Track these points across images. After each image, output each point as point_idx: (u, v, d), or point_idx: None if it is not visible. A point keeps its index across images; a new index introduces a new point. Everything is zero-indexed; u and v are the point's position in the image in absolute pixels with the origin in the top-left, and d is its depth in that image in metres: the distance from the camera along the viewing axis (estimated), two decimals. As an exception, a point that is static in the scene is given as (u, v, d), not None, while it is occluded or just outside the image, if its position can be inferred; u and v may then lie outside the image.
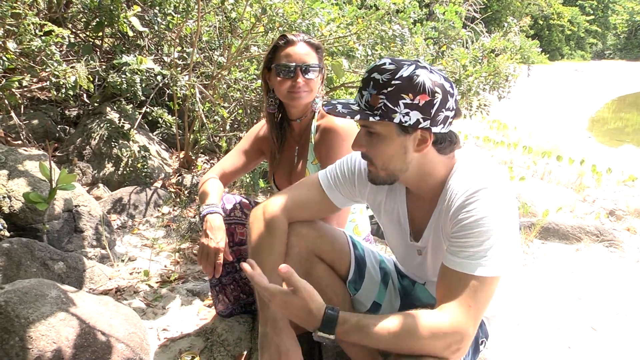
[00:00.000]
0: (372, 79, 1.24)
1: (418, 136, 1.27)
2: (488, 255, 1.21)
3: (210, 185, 1.91)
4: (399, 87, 1.21)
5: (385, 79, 1.22)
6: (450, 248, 1.27)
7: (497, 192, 1.25)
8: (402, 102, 1.21)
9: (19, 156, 2.82)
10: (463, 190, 1.27)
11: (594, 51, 58.71)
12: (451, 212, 1.29)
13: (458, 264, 1.23)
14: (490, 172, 1.30)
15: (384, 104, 1.22)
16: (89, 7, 3.99)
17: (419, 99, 1.21)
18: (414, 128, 1.24)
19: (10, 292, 1.67)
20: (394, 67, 1.23)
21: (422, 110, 1.22)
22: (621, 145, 9.21)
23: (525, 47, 4.67)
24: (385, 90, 1.22)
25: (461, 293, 1.21)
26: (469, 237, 1.23)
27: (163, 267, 2.75)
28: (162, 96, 4.46)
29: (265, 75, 1.97)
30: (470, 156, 1.37)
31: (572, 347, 2.16)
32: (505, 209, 1.25)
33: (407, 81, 1.21)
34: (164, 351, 1.98)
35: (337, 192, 1.57)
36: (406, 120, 1.23)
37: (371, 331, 1.20)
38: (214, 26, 4.10)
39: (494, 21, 28.86)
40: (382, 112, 1.23)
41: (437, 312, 1.21)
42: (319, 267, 1.57)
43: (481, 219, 1.22)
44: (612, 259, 3.16)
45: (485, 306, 1.24)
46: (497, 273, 1.22)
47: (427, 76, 1.22)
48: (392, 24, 3.63)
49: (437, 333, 1.17)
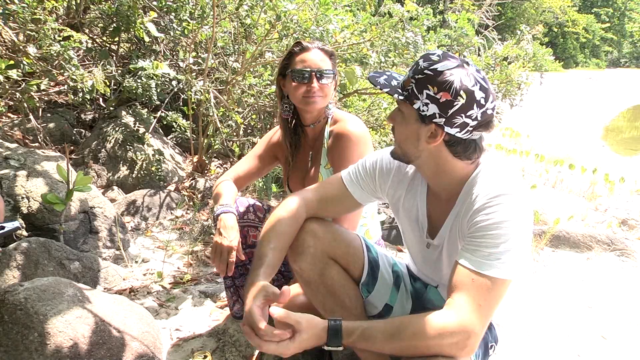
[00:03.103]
0: (417, 63, 1.31)
1: (432, 129, 1.30)
2: (503, 258, 1.23)
3: (225, 187, 1.95)
4: (429, 77, 1.26)
5: (423, 67, 1.28)
6: (465, 247, 1.29)
7: (519, 200, 1.27)
8: (425, 92, 1.27)
9: (37, 158, 2.88)
10: (485, 193, 1.29)
11: (609, 59, 58.23)
12: (470, 214, 1.31)
13: (472, 262, 1.25)
14: (512, 179, 1.32)
15: (412, 88, 1.29)
16: (107, 13, 4.07)
17: (440, 95, 1.25)
18: (429, 120, 1.28)
19: (30, 290, 1.72)
20: (438, 59, 1.28)
21: (440, 106, 1.26)
22: (636, 155, 9.12)
23: (538, 55, 4.67)
24: (417, 76, 1.28)
25: (472, 291, 1.22)
26: (486, 238, 1.25)
27: (176, 269, 2.79)
28: (177, 101, 4.52)
29: (279, 82, 2.00)
30: (493, 161, 1.39)
31: (581, 355, 2.16)
32: (524, 216, 1.27)
33: (437, 75, 1.26)
34: (176, 350, 2.02)
35: (358, 186, 1.61)
36: (424, 110, 1.28)
37: (377, 339, 1.23)
38: (229, 32, 4.16)
39: (508, 29, 28.75)
40: (407, 95, 1.30)
41: (443, 311, 1.23)
42: (333, 268, 1.59)
43: (500, 222, 1.24)
44: (623, 268, 3.15)
45: (494, 308, 1.25)
46: (509, 276, 1.24)
47: (460, 78, 1.25)
48: (405, 31, 3.65)
49: (443, 332, 1.19)
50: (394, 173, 1.58)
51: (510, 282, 1.25)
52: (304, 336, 1.23)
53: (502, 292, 1.24)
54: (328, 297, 1.57)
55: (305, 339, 1.23)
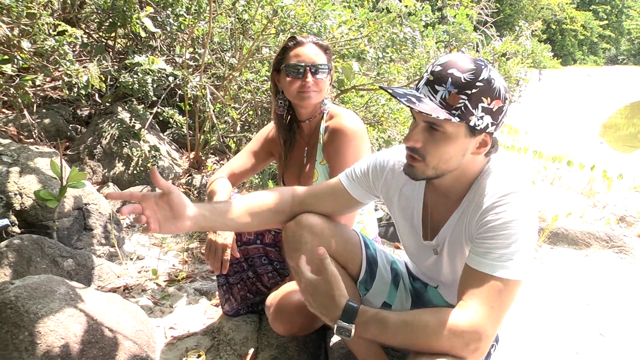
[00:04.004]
0: (451, 75, 1.20)
1: (480, 139, 1.26)
2: (514, 258, 1.21)
3: (219, 185, 1.92)
4: (482, 89, 1.19)
5: (469, 79, 1.19)
6: (475, 249, 1.27)
7: (527, 198, 1.25)
8: (481, 105, 1.20)
9: (31, 154, 2.85)
10: (494, 192, 1.27)
11: (607, 56, 58.23)
12: (479, 213, 1.28)
13: (484, 265, 1.22)
14: (521, 177, 1.30)
15: (465, 105, 1.19)
16: (103, 8, 4.03)
17: (494, 104, 1.21)
18: (481, 132, 1.24)
19: (21, 288, 1.69)
20: (474, 66, 1.20)
21: (493, 115, 1.22)
22: (633, 151, 9.11)
23: (537, 52, 4.65)
24: (468, 91, 1.18)
25: (484, 294, 1.20)
26: (496, 239, 1.23)
27: (171, 266, 2.76)
28: (174, 97, 4.49)
29: (274, 77, 1.97)
30: (501, 160, 1.37)
31: (579, 353, 2.15)
32: (532, 214, 1.25)
33: (487, 84, 1.19)
34: (170, 349, 1.99)
35: (357, 185, 1.58)
36: (479, 124, 1.21)
37: (389, 323, 1.21)
38: (226, 28, 4.13)
39: (506, 25, 28.70)
40: (461, 113, 1.19)
41: (456, 310, 1.20)
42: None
43: (510, 221, 1.22)
44: (622, 265, 3.13)
45: (506, 309, 1.22)
46: (521, 277, 1.22)
47: (501, 81, 1.22)
48: (403, 26, 3.63)
49: (455, 330, 1.16)
50: (387, 171, 1.56)
51: (521, 283, 1.23)
52: (322, 285, 1.28)
53: (514, 293, 1.22)
54: (326, 295, 1.55)
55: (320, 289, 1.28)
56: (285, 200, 1.57)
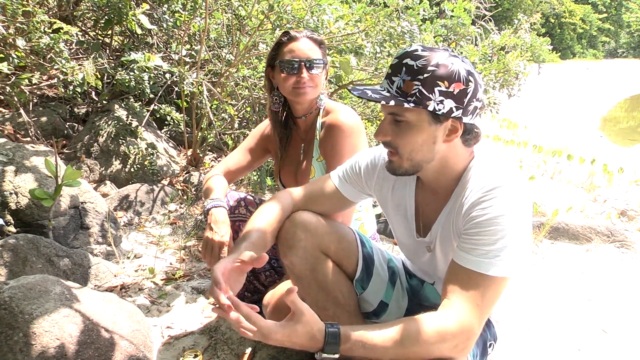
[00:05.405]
0: (405, 64, 1.21)
1: (449, 126, 1.24)
2: (501, 255, 1.19)
3: (215, 182, 1.90)
4: (435, 73, 1.18)
5: (421, 65, 1.19)
6: (462, 245, 1.24)
7: (514, 191, 1.22)
8: (437, 90, 1.19)
9: (26, 152, 2.82)
10: (479, 187, 1.25)
11: (606, 50, 58.18)
12: (465, 209, 1.26)
13: (470, 262, 1.20)
14: (508, 170, 1.27)
15: (419, 90, 1.19)
16: (98, 5, 4.00)
17: (454, 87, 1.19)
18: (446, 117, 1.22)
19: (15, 288, 1.67)
20: (428, 53, 1.20)
21: (456, 98, 1.20)
22: (634, 145, 9.09)
23: (535, 45, 4.62)
24: (420, 77, 1.19)
25: (470, 291, 1.18)
26: (482, 235, 1.20)
27: (168, 265, 2.74)
28: (170, 94, 4.47)
29: (268, 73, 1.95)
30: (488, 152, 1.34)
31: (581, 349, 2.13)
32: (521, 209, 1.22)
33: (443, 68, 1.18)
34: (167, 349, 1.97)
35: (349, 185, 1.57)
36: (440, 109, 1.20)
37: (376, 345, 1.16)
38: (222, 24, 4.10)
39: (505, 19, 28.62)
40: (417, 99, 1.19)
41: (442, 313, 1.18)
42: (326, 263, 1.53)
43: (496, 217, 1.20)
44: (623, 260, 3.11)
45: (492, 306, 1.21)
46: (508, 274, 1.20)
47: (461, 65, 1.21)
48: (400, 20, 3.60)
49: (444, 336, 1.15)
50: (379, 169, 1.54)
51: (508, 279, 1.21)
52: (299, 329, 1.14)
53: (500, 290, 1.20)
54: (320, 293, 1.52)
55: (299, 334, 1.14)
56: (289, 205, 1.57)
